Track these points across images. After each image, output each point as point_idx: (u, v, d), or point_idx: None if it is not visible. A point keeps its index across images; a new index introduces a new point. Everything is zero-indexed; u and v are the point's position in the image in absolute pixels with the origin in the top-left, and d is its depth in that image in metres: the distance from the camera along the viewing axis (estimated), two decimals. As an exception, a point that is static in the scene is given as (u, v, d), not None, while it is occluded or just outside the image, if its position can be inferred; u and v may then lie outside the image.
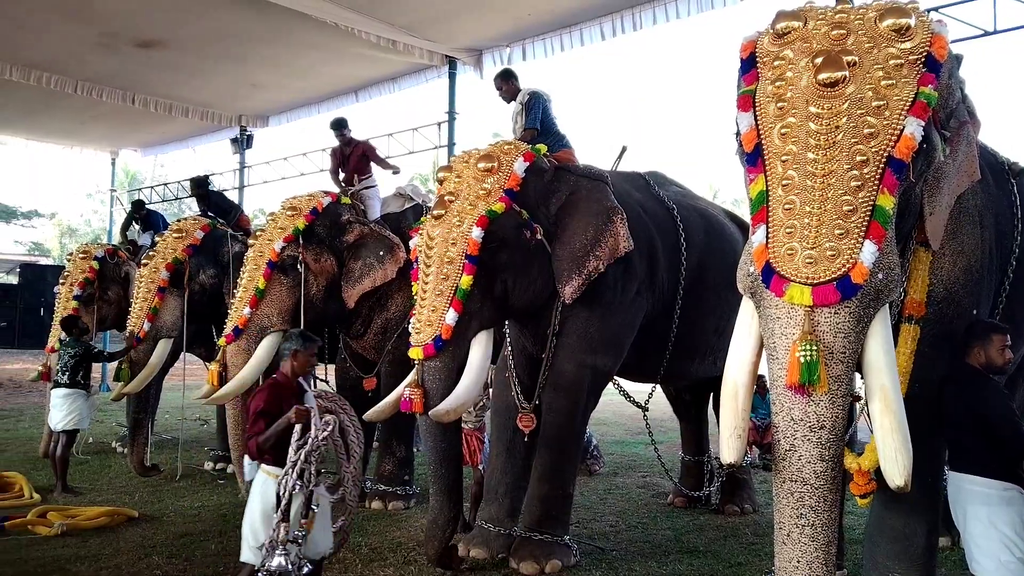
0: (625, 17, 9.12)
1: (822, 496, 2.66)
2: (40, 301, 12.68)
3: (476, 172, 4.75)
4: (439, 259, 4.54)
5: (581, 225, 4.77)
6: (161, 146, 16.80)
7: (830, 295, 2.60)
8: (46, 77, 11.32)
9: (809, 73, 2.78)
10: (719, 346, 5.86)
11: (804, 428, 2.66)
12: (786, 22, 2.94)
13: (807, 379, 2.57)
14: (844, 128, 2.68)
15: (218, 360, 6.19)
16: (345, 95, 12.44)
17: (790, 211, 2.70)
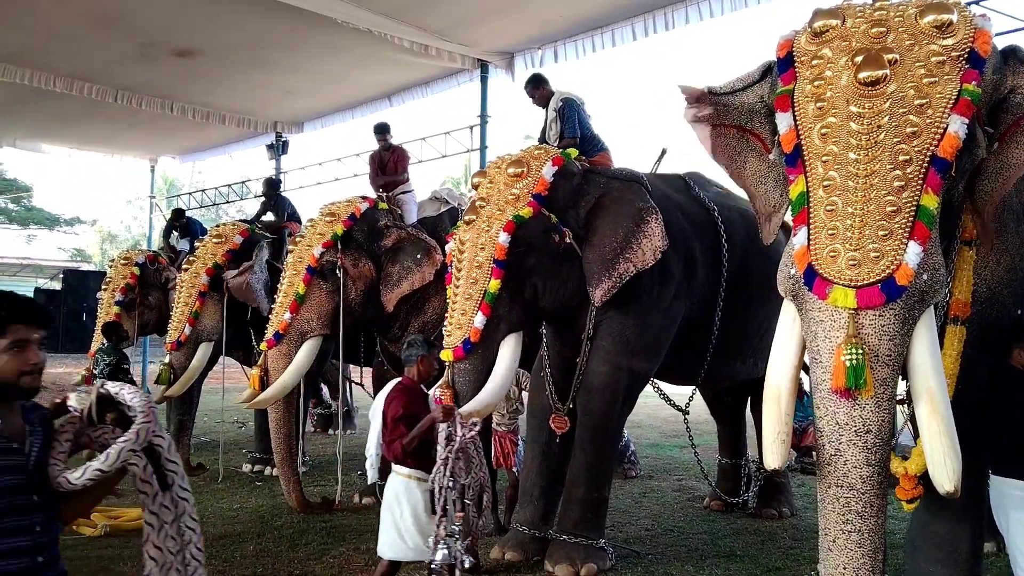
0: (657, 17, 9.05)
1: (868, 501, 2.62)
2: (83, 306, 12.98)
3: (506, 177, 4.80)
4: (469, 263, 4.63)
5: (611, 227, 4.75)
6: (199, 153, 17.05)
7: (875, 297, 2.55)
8: (87, 87, 11.56)
9: (849, 72, 2.73)
10: (761, 348, 5.79)
11: (849, 432, 2.62)
12: (824, 20, 2.89)
13: (853, 383, 2.53)
14: (886, 127, 2.64)
15: (259, 364, 6.26)
16: (378, 100, 12.52)
17: (832, 212, 2.66)
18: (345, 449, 9.20)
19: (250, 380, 6.34)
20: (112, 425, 2.32)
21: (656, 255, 4.63)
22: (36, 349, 2.11)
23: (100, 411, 2.31)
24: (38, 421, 2.18)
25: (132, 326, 8.73)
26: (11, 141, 15.57)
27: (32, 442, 2.11)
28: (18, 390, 2.09)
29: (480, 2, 8.98)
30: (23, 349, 2.06)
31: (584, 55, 9.80)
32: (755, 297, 5.39)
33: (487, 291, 4.55)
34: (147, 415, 2.25)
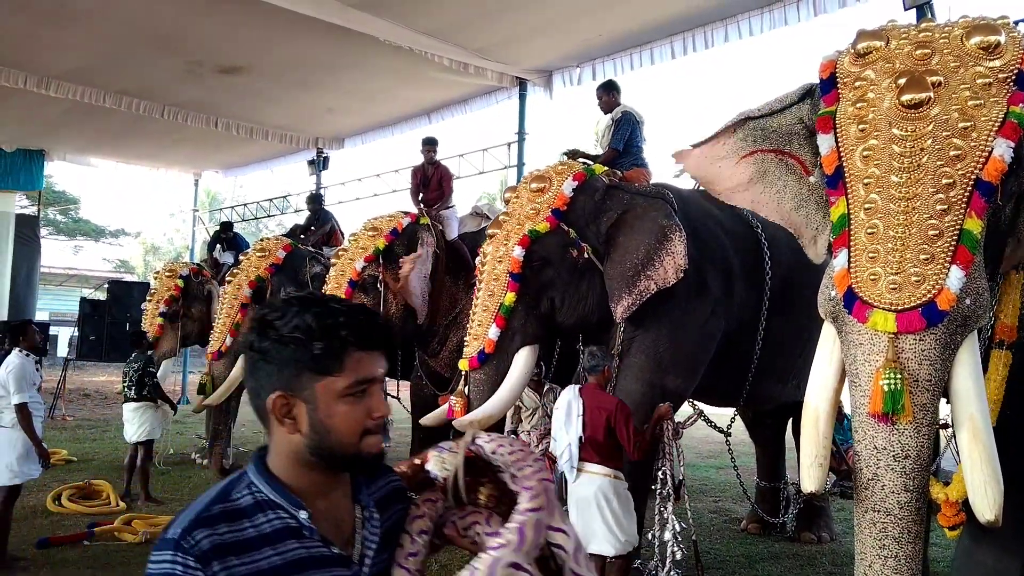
0: (696, 35, 9.06)
1: (906, 527, 2.57)
2: (126, 316, 13.16)
3: (529, 193, 4.86)
4: (488, 276, 4.74)
5: (633, 244, 4.73)
6: (241, 168, 17.39)
7: (915, 322, 2.52)
8: (136, 103, 11.89)
9: (892, 94, 2.70)
10: (803, 370, 5.70)
11: (888, 457, 2.58)
12: (867, 42, 2.87)
13: (891, 408, 2.50)
14: (929, 150, 2.60)
15: None
16: (418, 117, 12.68)
17: (873, 235, 2.63)
18: (380, 462, 9.28)
19: None
20: (490, 502, 1.48)
21: (678, 273, 4.58)
22: (381, 392, 1.35)
23: (473, 481, 1.48)
24: (375, 502, 1.40)
25: (175, 337, 8.92)
26: (62, 155, 16.06)
27: (366, 541, 1.36)
28: (358, 460, 1.32)
29: (520, 21, 9.06)
30: (366, 393, 1.30)
31: (623, 73, 9.83)
32: (800, 318, 5.33)
33: (502, 304, 4.62)
34: (537, 495, 1.36)
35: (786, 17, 8.33)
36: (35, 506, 6.60)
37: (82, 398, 16.30)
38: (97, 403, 15.87)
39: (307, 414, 1.27)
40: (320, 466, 1.31)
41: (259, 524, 1.25)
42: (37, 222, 17.53)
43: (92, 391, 17.41)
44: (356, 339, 1.29)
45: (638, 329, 4.85)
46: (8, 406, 5.27)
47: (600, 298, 4.81)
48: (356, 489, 1.39)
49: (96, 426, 12.34)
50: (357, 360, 1.28)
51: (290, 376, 1.27)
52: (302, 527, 1.27)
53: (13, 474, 5.27)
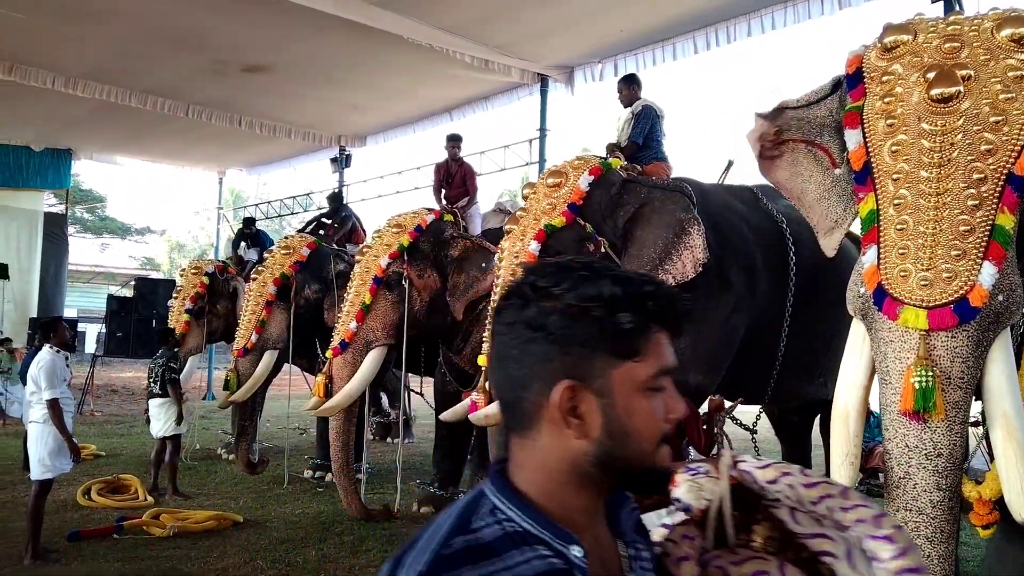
0: (720, 30, 9.00)
1: (939, 527, 2.55)
2: (152, 313, 13.33)
3: (545, 188, 4.85)
4: (505, 272, 4.72)
5: (651, 238, 4.66)
6: (265, 165, 17.53)
7: (947, 318, 2.49)
8: (160, 102, 12.03)
9: (920, 88, 2.66)
10: (830, 367, 5.64)
11: (920, 456, 2.56)
12: (894, 36, 2.83)
13: (922, 406, 2.47)
14: (959, 145, 2.57)
15: (324, 372, 6.40)
16: (439, 115, 12.71)
17: (903, 231, 2.61)
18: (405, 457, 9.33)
19: (314, 388, 6.48)
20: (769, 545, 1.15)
21: (697, 267, 4.51)
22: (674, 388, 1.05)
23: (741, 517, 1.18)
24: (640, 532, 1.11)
25: (201, 334, 9.02)
26: (89, 154, 16.29)
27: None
28: (652, 475, 1.02)
29: (541, 18, 9.05)
30: (663, 388, 1.02)
31: (644, 68, 9.78)
32: (826, 314, 5.26)
33: None
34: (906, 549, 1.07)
35: (810, 11, 8.25)
36: (65, 500, 6.71)
37: (110, 394, 16.55)
38: (124, 399, 16.10)
39: (601, 411, 0.96)
40: (599, 485, 0.99)
41: (514, 566, 0.92)
42: (65, 220, 17.81)
43: (119, 387, 17.66)
44: (663, 315, 1.01)
45: None
46: (40, 402, 5.36)
47: None
48: (612, 518, 1.05)
49: (124, 421, 12.52)
50: (658, 343, 1.00)
51: (579, 359, 0.96)
52: (573, 568, 0.93)
53: (45, 468, 5.37)
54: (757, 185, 5.76)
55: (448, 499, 6.64)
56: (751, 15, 8.66)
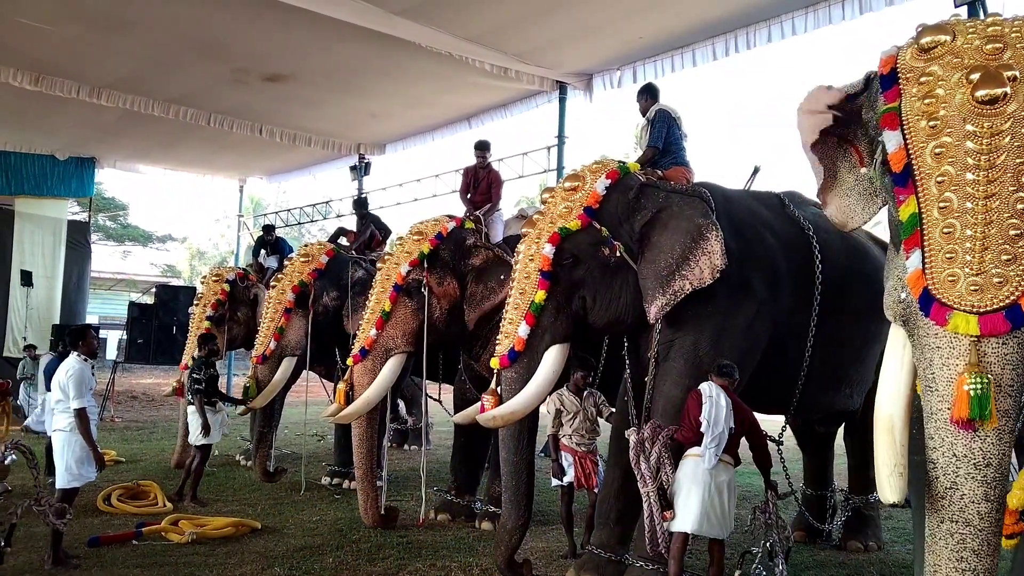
0: (739, 36, 8.96)
1: (986, 539, 2.50)
2: (173, 320, 13.45)
3: (563, 192, 4.84)
4: (520, 275, 4.71)
5: (668, 242, 4.61)
6: (285, 174, 17.65)
7: (999, 324, 2.44)
8: (183, 111, 12.16)
9: (964, 90, 2.62)
10: (858, 377, 5.57)
11: (968, 465, 2.50)
12: (932, 36, 2.79)
13: (978, 414, 2.41)
14: (1007, 148, 2.52)
15: (345, 379, 6.39)
16: (458, 122, 12.76)
17: (949, 235, 2.55)
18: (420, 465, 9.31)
19: (335, 395, 6.47)
20: None
21: (715, 273, 4.45)
22: None
23: None
24: None
25: (221, 340, 9.07)
26: (112, 163, 16.49)
27: None
28: None
29: (559, 25, 9.06)
30: None
31: (664, 75, 9.77)
32: (854, 323, 5.18)
33: (532, 301, 4.60)
34: None
35: (831, 16, 8.20)
36: (86, 505, 6.74)
37: (130, 400, 16.66)
38: (145, 405, 16.21)
39: None
40: None
41: None
42: (88, 228, 18.00)
43: (140, 393, 17.78)
44: None
45: (677, 332, 4.76)
46: (65, 410, 5.39)
47: (634, 298, 4.72)
48: None
49: (144, 428, 12.59)
50: None
51: None
52: None
53: (72, 477, 5.38)
54: (784, 191, 5.70)
55: (464, 507, 6.61)
56: (771, 20, 8.62)
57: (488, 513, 6.41)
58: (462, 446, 6.89)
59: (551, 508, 7.04)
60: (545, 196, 5.07)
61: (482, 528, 6.30)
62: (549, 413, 5.58)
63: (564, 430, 5.52)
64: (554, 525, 6.32)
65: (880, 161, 2.94)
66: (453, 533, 6.18)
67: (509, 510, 4.86)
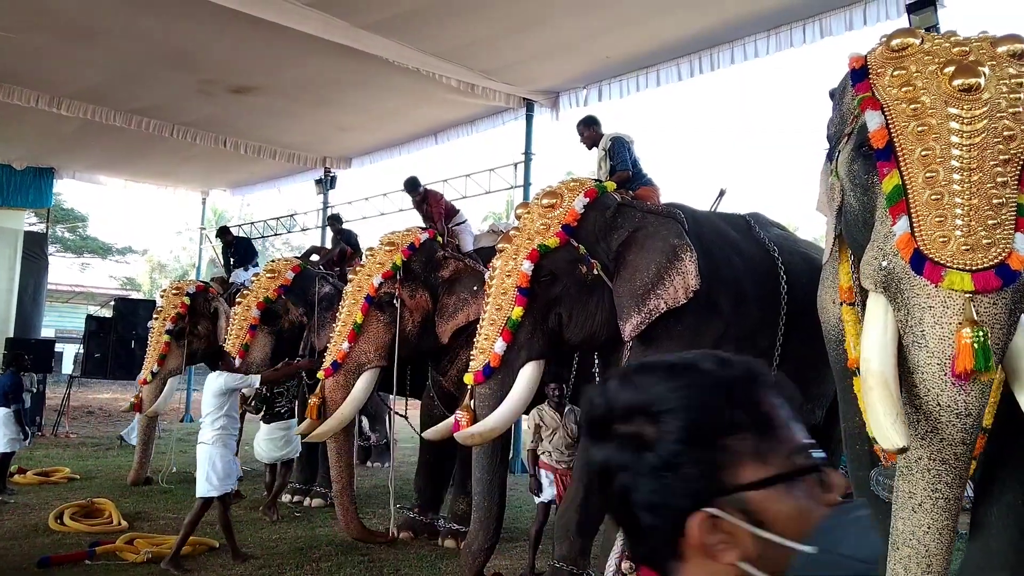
0: (704, 57, 9.09)
1: (959, 474, 2.74)
2: (132, 334, 13.19)
3: (540, 208, 4.88)
4: (496, 290, 4.74)
5: (644, 262, 4.70)
6: (249, 186, 17.47)
7: (991, 280, 2.60)
8: (146, 122, 11.97)
9: (941, 80, 2.84)
10: (819, 393, 5.67)
11: (950, 415, 2.70)
12: (903, 39, 3.02)
13: (983, 364, 2.55)
14: (985, 129, 2.74)
15: (316, 394, 6.29)
16: (425, 138, 12.75)
17: (937, 202, 2.72)
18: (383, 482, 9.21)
19: (307, 410, 6.34)
20: None
21: (688, 293, 4.55)
22: None
23: None
24: None
25: (181, 355, 8.92)
26: (71, 173, 16.16)
27: None
28: None
29: (528, 43, 9.12)
30: None
31: (629, 94, 9.87)
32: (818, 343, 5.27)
33: (509, 318, 4.61)
34: None
35: (792, 39, 8.36)
36: (36, 524, 6.57)
37: (86, 416, 16.28)
38: (101, 420, 15.85)
39: None
40: None
41: None
42: (45, 239, 17.62)
43: (96, 408, 17.39)
44: None
45: (648, 350, 4.80)
46: (210, 424, 5.77)
47: (609, 316, 4.78)
48: None
49: (99, 444, 12.31)
50: None
51: None
52: None
53: (211, 487, 5.65)
54: (750, 213, 5.82)
55: (427, 524, 6.55)
56: (735, 42, 8.76)
57: (451, 531, 6.36)
58: (427, 463, 6.84)
59: (515, 525, 7.02)
60: (520, 212, 5.09)
61: (445, 546, 6.25)
62: (529, 429, 5.58)
63: (543, 446, 5.51)
64: (519, 543, 6.30)
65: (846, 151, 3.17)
66: (415, 551, 6.13)
67: (477, 531, 4.84)
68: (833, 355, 3.68)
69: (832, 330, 3.64)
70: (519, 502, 8.14)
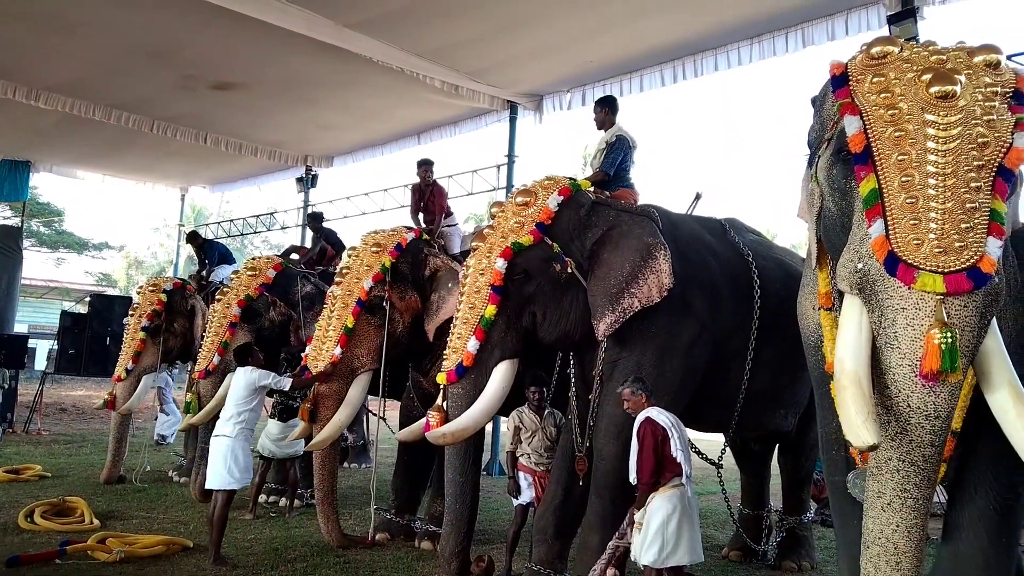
0: (687, 63, 9.18)
1: (927, 475, 2.79)
2: (107, 330, 13.01)
3: (514, 207, 4.87)
4: (470, 289, 4.72)
5: (618, 261, 4.71)
6: (229, 183, 17.36)
7: (963, 283, 2.65)
8: (126, 116, 11.87)
9: (918, 87, 2.90)
10: (792, 399, 5.71)
11: (920, 416, 2.74)
12: (882, 47, 3.10)
13: (949, 365, 2.60)
14: (960, 135, 2.80)
15: (308, 399, 6.18)
16: (407, 138, 12.74)
17: (912, 205, 2.77)
18: (361, 483, 9.18)
19: (299, 413, 6.24)
20: None
21: (662, 292, 4.57)
22: None
23: None
24: None
25: (156, 352, 8.82)
26: (48, 167, 15.98)
27: None
28: None
29: (512, 46, 9.14)
30: None
31: (612, 99, 9.91)
32: (790, 347, 5.31)
33: (482, 316, 4.59)
34: None
35: (775, 48, 8.46)
36: (6, 523, 6.46)
37: (59, 412, 16.04)
38: (74, 418, 15.62)
39: None
40: None
41: None
42: (20, 233, 17.38)
43: (69, 405, 17.14)
44: None
45: (622, 351, 4.81)
46: (227, 419, 5.80)
47: (583, 315, 4.77)
48: None
49: (72, 441, 12.14)
50: None
51: None
52: None
53: (232, 479, 5.64)
54: (726, 218, 5.86)
55: (404, 526, 6.52)
56: (718, 49, 8.85)
57: (428, 532, 6.33)
58: (405, 464, 6.80)
59: (493, 528, 7.01)
60: (495, 211, 5.09)
61: (422, 547, 6.22)
62: (509, 431, 5.56)
63: (522, 448, 5.49)
64: (497, 545, 6.28)
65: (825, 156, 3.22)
66: (392, 552, 6.09)
67: (449, 535, 4.83)
68: (811, 360, 3.71)
69: (811, 335, 3.67)
70: (497, 504, 8.13)
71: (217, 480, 5.68)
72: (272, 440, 7.48)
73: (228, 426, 5.78)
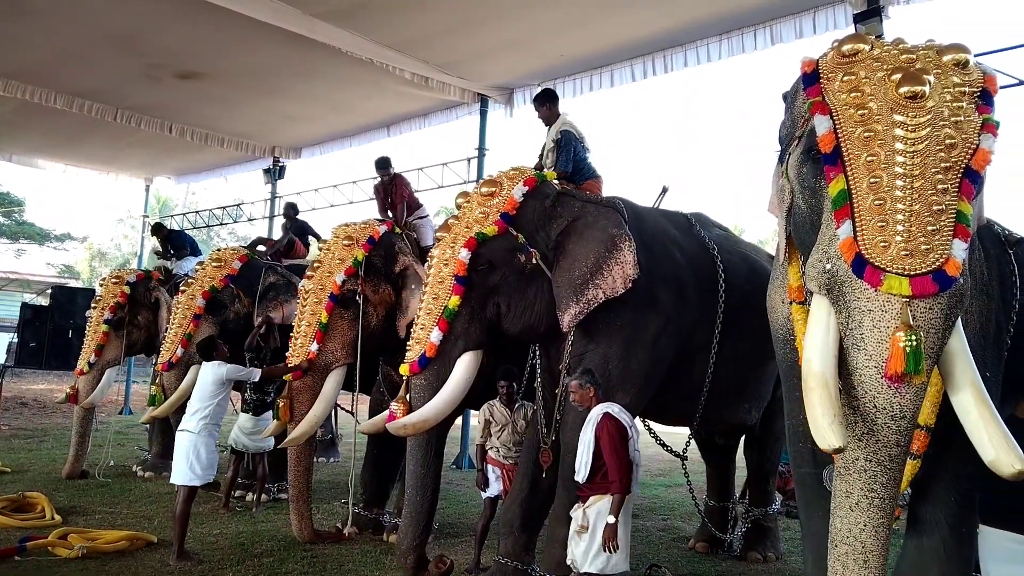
0: (657, 59, 9.22)
1: (893, 475, 2.82)
2: (69, 323, 12.77)
3: (479, 197, 4.86)
4: (433, 279, 4.70)
5: (583, 251, 4.71)
6: (194, 174, 17.08)
7: (928, 286, 2.66)
8: (88, 105, 11.62)
9: (888, 87, 2.90)
10: (756, 394, 5.77)
11: (885, 416, 2.77)
12: (853, 44, 3.09)
13: (913, 368, 2.61)
14: (929, 137, 2.80)
15: (284, 396, 6.12)
16: (377, 130, 12.63)
17: (880, 207, 2.78)
18: (329, 477, 9.12)
19: (279, 411, 6.13)
20: None
21: (627, 283, 4.58)
22: None
23: None
24: None
25: (119, 345, 8.68)
26: (7, 156, 15.59)
27: None
28: None
29: (483, 39, 9.11)
30: None
31: (583, 93, 9.95)
32: (755, 342, 5.36)
33: (446, 307, 4.58)
34: None
35: (744, 45, 8.53)
36: (-36, 519, 6.32)
37: (19, 407, 15.73)
38: (35, 412, 15.33)
39: None
40: None
41: None
42: (-22, 224, 16.99)
43: (30, 400, 16.81)
44: None
45: (588, 345, 4.82)
46: (194, 412, 5.73)
47: (548, 306, 4.77)
48: None
49: (33, 436, 11.91)
50: None
51: None
52: None
53: (194, 476, 5.61)
54: (692, 212, 5.90)
55: (372, 519, 6.49)
56: (687, 46, 8.90)
57: (396, 526, 6.30)
58: (374, 458, 6.77)
59: (462, 521, 7.02)
60: (460, 201, 5.06)
61: (389, 541, 6.20)
62: (480, 424, 5.56)
63: (491, 442, 5.49)
64: (465, 538, 6.29)
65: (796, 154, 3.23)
66: (360, 546, 6.07)
67: (407, 527, 4.81)
68: (781, 353, 3.74)
69: (780, 329, 3.70)
70: (467, 498, 8.13)
71: (180, 476, 5.64)
72: (245, 434, 7.41)
73: (192, 421, 5.73)
